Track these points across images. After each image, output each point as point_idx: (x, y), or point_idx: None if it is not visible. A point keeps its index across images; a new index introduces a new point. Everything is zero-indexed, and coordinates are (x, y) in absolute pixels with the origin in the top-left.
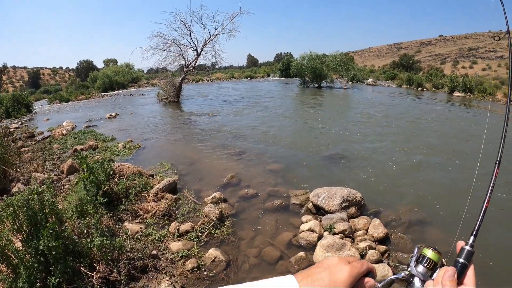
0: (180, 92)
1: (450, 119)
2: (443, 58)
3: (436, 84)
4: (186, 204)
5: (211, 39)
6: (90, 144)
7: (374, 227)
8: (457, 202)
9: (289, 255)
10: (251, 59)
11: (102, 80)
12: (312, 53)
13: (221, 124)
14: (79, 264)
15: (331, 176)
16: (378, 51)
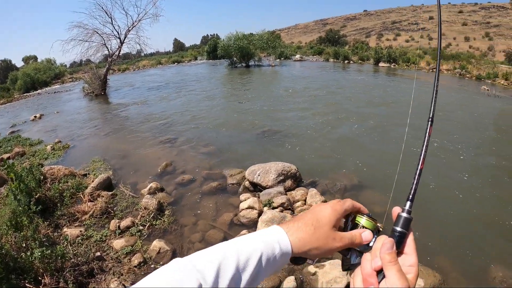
0: (106, 84)
1: (376, 87)
2: (368, 31)
3: (362, 56)
4: (123, 199)
5: (134, 25)
6: (16, 151)
7: (312, 197)
8: (390, 164)
9: (232, 234)
10: (177, 43)
11: (23, 80)
12: (239, 33)
13: (150, 112)
14: (23, 280)
15: (264, 152)
16: (305, 27)
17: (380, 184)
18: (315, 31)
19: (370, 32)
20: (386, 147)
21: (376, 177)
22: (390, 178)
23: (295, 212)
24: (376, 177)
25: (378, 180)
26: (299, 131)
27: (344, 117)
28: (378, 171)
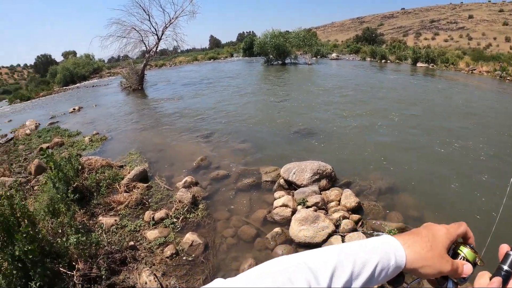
0: (143, 79)
1: (414, 87)
2: (406, 30)
3: (399, 56)
4: (158, 191)
5: (171, 22)
6: (55, 141)
7: (346, 198)
8: (424, 167)
9: (265, 231)
10: (213, 40)
11: (62, 73)
12: (275, 31)
13: (186, 108)
14: (58, 265)
15: (299, 150)
16: (341, 25)
17: (416, 189)
18: (352, 29)
19: (408, 31)
20: (423, 150)
21: (412, 180)
22: (424, 180)
23: (329, 212)
24: (412, 180)
25: (414, 184)
26: (335, 130)
27: (380, 117)
28: (414, 175)
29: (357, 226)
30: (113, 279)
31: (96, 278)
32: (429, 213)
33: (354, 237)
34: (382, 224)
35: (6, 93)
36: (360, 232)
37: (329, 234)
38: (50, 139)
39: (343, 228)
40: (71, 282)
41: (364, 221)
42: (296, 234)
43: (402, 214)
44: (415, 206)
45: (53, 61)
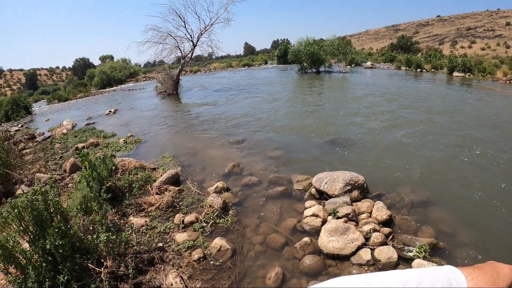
0: (178, 84)
1: (451, 98)
2: (442, 38)
3: (435, 65)
4: (189, 195)
5: (206, 29)
6: (91, 142)
7: (378, 210)
8: (460, 181)
9: (294, 240)
10: (248, 47)
11: (99, 77)
12: (309, 39)
13: (220, 113)
14: (87, 260)
15: (333, 160)
16: (376, 33)
17: (449, 203)
18: (387, 37)
19: (443, 39)
20: (460, 163)
21: (446, 194)
22: (459, 195)
23: (359, 224)
24: (446, 194)
25: (448, 198)
26: (368, 140)
27: (414, 128)
28: (449, 188)
29: (388, 240)
30: (140, 279)
31: (123, 276)
32: (462, 230)
33: (383, 251)
34: (413, 239)
35: (45, 94)
36: (390, 246)
37: (358, 247)
38: (86, 139)
39: (373, 241)
40: (98, 278)
41: (394, 235)
42: (325, 245)
43: (434, 229)
44: (448, 221)
45: (91, 64)
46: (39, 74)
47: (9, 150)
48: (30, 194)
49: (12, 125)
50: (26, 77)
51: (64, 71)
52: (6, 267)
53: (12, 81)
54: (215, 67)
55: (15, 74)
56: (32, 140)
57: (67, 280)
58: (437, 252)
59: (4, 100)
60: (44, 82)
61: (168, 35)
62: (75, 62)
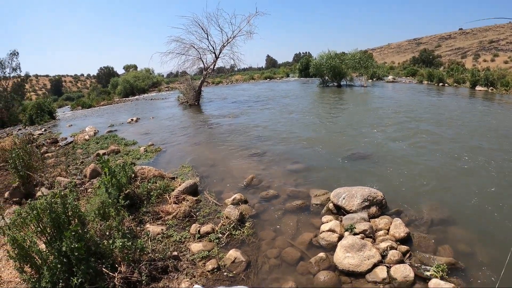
0: (200, 95)
1: (473, 114)
2: (464, 52)
3: (457, 79)
4: (207, 205)
5: (229, 41)
6: (112, 149)
7: (396, 227)
8: (482, 199)
9: (309, 255)
10: (269, 60)
11: (123, 85)
12: (331, 52)
13: (241, 125)
14: (101, 265)
15: (352, 175)
16: (398, 47)
17: (470, 222)
18: (409, 50)
19: (466, 52)
20: (482, 181)
21: (467, 213)
22: (479, 214)
23: (376, 241)
24: (467, 213)
25: (469, 217)
26: (388, 155)
27: (435, 144)
28: (470, 207)
29: (405, 258)
30: (153, 286)
31: (136, 282)
32: (482, 250)
33: (400, 269)
34: (431, 258)
35: (69, 100)
36: (407, 265)
37: (374, 264)
38: (107, 146)
39: (390, 258)
40: (112, 283)
41: (412, 253)
42: (340, 261)
43: (453, 248)
44: (467, 240)
45: (114, 73)
46: (64, 80)
47: (31, 153)
48: (49, 196)
49: (35, 129)
50: (52, 83)
51: (88, 78)
52: (22, 266)
53: (38, 86)
54: (237, 79)
55: (41, 79)
56: (55, 144)
57: (81, 283)
58: (455, 272)
59: (29, 104)
60: (68, 89)
61: (191, 46)
62: (99, 70)
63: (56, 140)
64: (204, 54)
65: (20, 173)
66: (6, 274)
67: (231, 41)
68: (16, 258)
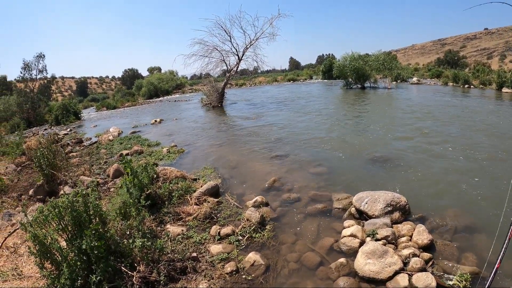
0: (223, 97)
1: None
2: (490, 52)
3: (483, 80)
4: (228, 207)
5: (252, 43)
6: (135, 149)
7: (419, 234)
8: (509, 208)
9: (329, 261)
10: (293, 62)
11: (147, 87)
12: (354, 54)
13: (263, 127)
14: (120, 263)
15: (375, 179)
16: (422, 48)
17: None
18: (433, 52)
19: (492, 53)
20: (505, 188)
21: (491, 221)
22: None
23: (398, 247)
24: (492, 221)
25: (494, 224)
26: (412, 160)
27: (461, 150)
28: (495, 215)
29: (427, 266)
30: (171, 286)
31: (155, 282)
32: (507, 260)
33: (422, 278)
34: (454, 266)
35: (94, 101)
36: (429, 273)
37: (395, 271)
38: (131, 147)
39: (412, 266)
40: (130, 282)
41: (435, 261)
42: (361, 268)
43: (477, 257)
44: (493, 250)
45: (139, 75)
46: (90, 82)
47: (56, 152)
48: (71, 195)
49: (61, 129)
50: (77, 85)
51: (113, 80)
52: (42, 262)
53: (64, 88)
54: (260, 81)
55: (66, 81)
56: (79, 144)
57: (99, 281)
58: (479, 281)
59: (55, 105)
60: (93, 90)
61: (214, 48)
62: (124, 72)
63: (80, 140)
64: (227, 56)
65: (45, 172)
66: (27, 270)
67: (254, 43)
68: (37, 254)
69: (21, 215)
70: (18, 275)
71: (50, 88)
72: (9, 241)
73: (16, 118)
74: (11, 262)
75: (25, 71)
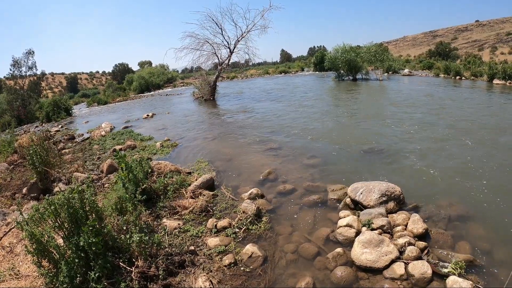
0: (215, 90)
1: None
2: (481, 44)
3: (474, 72)
4: (223, 200)
5: (243, 36)
6: (128, 144)
7: (414, 223)
8: (502, 197)
9: (326, 251)
10: (284, 54)
11: (138, 82)
12: (346, 45)
13: (257, 120)
14: (118, 259)
15: (369, 170)
16: (413, 40)
17: (489, 219)
18: (424, 43)
19: (483, 45)
20: (502, 178)
21: (486, 209)
22: (502, 214)
23: (394, 236)
24: (486, 210)
25: (488, 213)
26: (406, 150)
27: (454, 140)
28: (489, 204)
29: (423, 254)
30: (170, 280)
31: (153, 277)
32: (501, 248)
33: (418, 266)
34: (449, 254)
35: (85, 97)
36: (425, 261)
37: (392, 260)
38: (124, 142)
39: (408, 255)
40: (129, 277)
41: (430, 249)
42: (358, 257)
43: (471, 246)
44: (486, 238)
45: (129, 70)
46: (80, 78)
47: (48, 149)
48: (67, 192)
49: (52, 126)
50: (67, 81)
51: (103, 75)
52: (40, 261)
53: (54, 84)
54: (252, 73)
55: (56, 77)
56: (72, 140)
57: (98, 277)
58: (473, 269)
59: (46, 102)
60: (84, 86)
61: (205, 41)
62: (115, 67)
63: (73, 136)
64: (219, 49)
65: (38, 169)
66: (24, 268)
67: (245, 35)
68: (34, 253)
69: (16, 213)
70: (15, 274)
71: (40, 84)
72: (5, 241)
73: (6, 116)
74: (7, 261)
75: (15, 68)
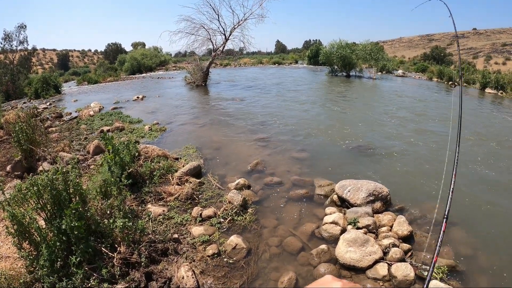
0: (207, 76)
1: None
2: (476, 52)
3: (467, 79)
4: (209, 189)
5: (240, 23)
6: (116, 126)
7: (399, 224)
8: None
9: (311, 247)
10: (279, 45)
11: (130, 62)
12: (342, 41)
13: (248, 109)
14: (101, 244)
15: (357, 168)
16: (409, 41)
17: (473, 224)
18: (420, 46)
19: (478, 53)
20: (491, 184)
21: (470, 215)
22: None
23: (379, 237)
24: (471, 215)
25: (472, 219)
26: (395, 151)
27: (443, 144)
28: (475, 209)
29: (406, 257)
30: (152, 268)
31: (135, 263)
32: (483, 255)
33: (401, 268)
34: (431, 258)
35: (76, 75)
36: (408, 264)
37: (375, 260)
38: (112, 123)
39: (391, 256)
40: (110, 263)
41: (413, 252)
42: (342, 255)
43: (454, 251)
44: (469, 243)
45: (122, 50)
46: (71, 55)
47: (35, 127)
48: (51, 173)
49: (40, 103)
50: (58, 57)
51: (95, 54)
52: (20, 242)
53: (44, 60)
54: (245, 62)
55: (47, 53)
56: (59, 119)
57: (79, 262)
58: (455, 274)
59: (35, 78)
60: (75, 64)
61: (201, 26)
62: (107, 46)
63: (60, 114)
64: (214, 35)
65: (23, 147)
66: (5, 249)
67: (242, 23)
68: (14, 234)
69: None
70: None
71: (30, 60)
72: None
73: None
74: None
75: (5, 42)
